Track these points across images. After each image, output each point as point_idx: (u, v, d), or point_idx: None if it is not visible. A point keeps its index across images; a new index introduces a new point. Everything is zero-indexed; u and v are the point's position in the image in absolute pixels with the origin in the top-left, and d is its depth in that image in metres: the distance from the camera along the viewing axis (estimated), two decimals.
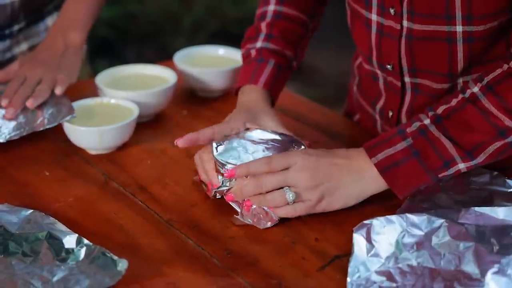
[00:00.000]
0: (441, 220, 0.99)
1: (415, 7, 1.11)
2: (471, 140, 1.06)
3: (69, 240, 1.02)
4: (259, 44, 1.29)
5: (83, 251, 1.00)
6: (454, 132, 1.07)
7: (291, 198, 1.07)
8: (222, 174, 1.10)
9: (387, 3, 1.14)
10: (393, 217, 1.00)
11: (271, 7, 1.32)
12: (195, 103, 1.48)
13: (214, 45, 1.58)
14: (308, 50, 1.38)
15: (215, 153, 1.13)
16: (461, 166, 1.07)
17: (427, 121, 1.08)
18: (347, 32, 1.37)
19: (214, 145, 1.15)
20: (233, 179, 1.10)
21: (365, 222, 1.00)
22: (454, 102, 1.08)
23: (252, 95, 1.25)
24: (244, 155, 1.12)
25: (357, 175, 1.09)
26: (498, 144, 1.06)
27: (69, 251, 1.01)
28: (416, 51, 1.15)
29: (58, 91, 1.33)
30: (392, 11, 1.14)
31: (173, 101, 1.43)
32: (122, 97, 1.36)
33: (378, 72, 1.24)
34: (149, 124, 1.39)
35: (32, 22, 1.57)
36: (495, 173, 1.14)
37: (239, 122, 1.19)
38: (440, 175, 1.08)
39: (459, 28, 1.10)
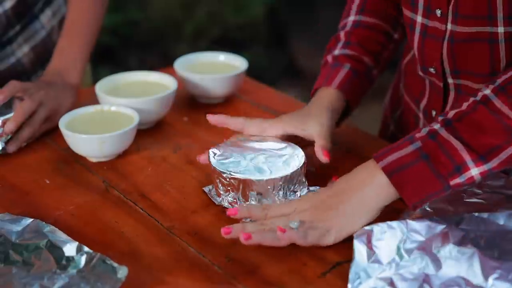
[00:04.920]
0: (442, 226, 0.99)
1: (459, 9, 1.12)
2: (484, 142, 1.02)
3: (70, 248, 1.02)
4: (336, 51, 1.30)
5: (83, 259, 1.00)
6: (465, 134, 1.03)
7: (295, 225, 1.03)
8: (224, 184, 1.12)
9: (433, 4, 1.15)
10: (394, 223, 1.00)
11: (351, 18, 1.33)
12: (196, 110, 1.47)
13: (214, 52, 1.58)
14: (310, 55, 1.38)
15: (212, 160, 1.13)
16: (474, 171, 1.02)
17: (437, 126, 1.05)
18: None
19: (211, 152, 1.15)
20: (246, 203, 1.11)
21: (366, 228, 1.00)
22: (465, 106, 1.05)
23: (322, 94, 1.26)
24: (243, 162, 1.12)
25: (360, 194, 1.05)
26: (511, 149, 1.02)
27: (69, 259, 1.01)
28: (457, 53, 1.15)
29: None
30: (438, 12, 1.15)
31: (173, 108, 1.43)
32: (122, 104, 1.35)
33: (421, 73, 1.25)
34: (149, 131, 1.39)
35: (26, 24, 1.57)
36: (511, 177, 1.13)
37: (277, 126, 1.20)
38: (452, 183, 1.02)
39: (500, 29, 1.10)
